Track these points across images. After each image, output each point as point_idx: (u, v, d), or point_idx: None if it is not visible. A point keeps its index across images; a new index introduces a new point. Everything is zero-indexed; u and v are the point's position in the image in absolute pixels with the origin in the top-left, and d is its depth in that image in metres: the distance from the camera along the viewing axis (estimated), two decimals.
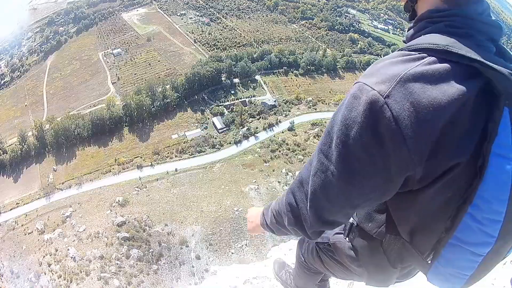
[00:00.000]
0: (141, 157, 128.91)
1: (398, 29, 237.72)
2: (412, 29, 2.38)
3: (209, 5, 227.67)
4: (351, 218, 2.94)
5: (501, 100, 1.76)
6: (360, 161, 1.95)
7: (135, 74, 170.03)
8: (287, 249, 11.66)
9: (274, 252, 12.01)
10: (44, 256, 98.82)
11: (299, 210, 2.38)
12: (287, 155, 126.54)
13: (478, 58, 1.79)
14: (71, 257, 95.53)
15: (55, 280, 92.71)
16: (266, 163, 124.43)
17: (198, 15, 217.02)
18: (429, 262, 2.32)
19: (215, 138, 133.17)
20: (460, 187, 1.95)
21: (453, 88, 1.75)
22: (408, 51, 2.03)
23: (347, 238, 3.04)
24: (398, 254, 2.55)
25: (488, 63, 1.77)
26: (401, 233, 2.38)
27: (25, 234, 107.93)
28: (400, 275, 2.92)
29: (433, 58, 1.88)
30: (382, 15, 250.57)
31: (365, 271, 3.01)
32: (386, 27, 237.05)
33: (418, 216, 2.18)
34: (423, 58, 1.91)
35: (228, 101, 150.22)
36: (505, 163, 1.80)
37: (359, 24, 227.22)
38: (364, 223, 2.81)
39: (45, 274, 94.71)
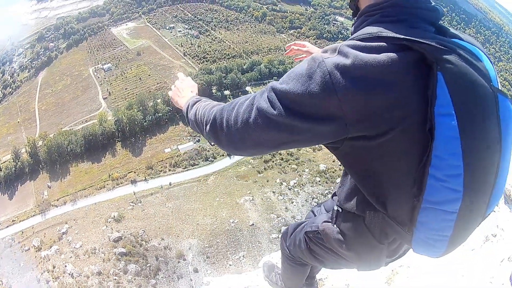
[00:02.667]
0: (134, 172, 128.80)
1: None
2: (353, 25, 2.64)
3: (197, 18, 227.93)
4: (335, 206, 3.38)
5: (433, 67, 1.97)
6: (300, 105, 2.13)
7: (126, 89, 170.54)
8: (279, 257, 11.96)
9: (266, 259, 10.22)
10: (42, 273, 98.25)
11: (221, 129, 2.50)
12: (280, 165, 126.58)
13: (405, 36, 2.03)
14: (69, 274, 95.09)
15: None
16: (260, 173, 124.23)
17: (187, 28, 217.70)
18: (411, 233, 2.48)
19: (208, 151, 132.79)
20: (417, 153, 2.12)
21: (383, 56, 1.99)
22: None
23: (335, 225, 3.32)
24: (381, 229, 2.77)
25: (415, 38, 2.01)
26: (375, 205, 2.57)
27: (22, 252, 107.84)
28: (389, 252, 3.10)
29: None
30: None
31: (354, 253, 3.18)
32: None
33: (382, 185, 2.40)
34: None
35: None
36: (450, 120, 1.98)
37: (347, 31, 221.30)
38: (345, 205, 3.12)
39: None
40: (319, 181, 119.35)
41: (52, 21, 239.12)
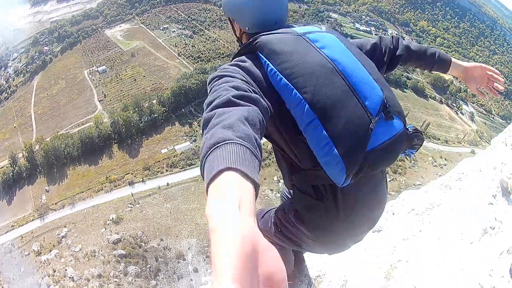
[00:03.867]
0: (132, 174, 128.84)
1: (381, 30, 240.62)
2: (239, 51, 3.16)
3: (191, 18, 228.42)
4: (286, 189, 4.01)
5: (259, 55, 2.82)
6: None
7: (121, 91, 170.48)
8: None
9: None
10: (42, 278, 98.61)
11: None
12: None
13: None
14: (70, 277, 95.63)
15: None
16: None
17: (180, 28, 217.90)
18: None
19: None
20: (290, 116, 2.76)
21: (247, 60, 2.79)
22: None
23: (290, 207, 3.54)
24: (309, 184, 3.09)
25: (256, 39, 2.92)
26: (303, 167, 3.00)
27: (22, 257, 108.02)
28: (347, 228, 3.25)
29: None
30: (364, 17, 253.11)
31: (310, 226, 3.35)
32: (368, 29, 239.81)
33: (293, 150, 2.96)
34: None
35: None
36: (289, 92, 2.64)
37: (341, 28, 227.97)
38: (285, 183, 3.55)
39: None
40: None
41: (46, 25, 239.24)
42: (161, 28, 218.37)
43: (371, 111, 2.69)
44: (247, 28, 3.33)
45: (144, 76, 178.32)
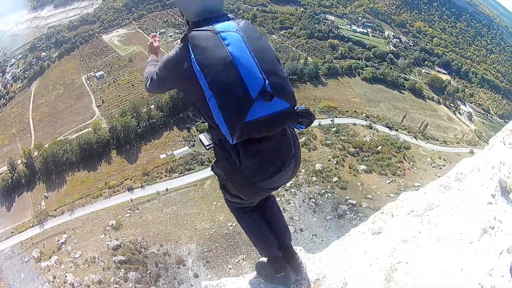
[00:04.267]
0: (131, 179, 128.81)
1: (378, 31, 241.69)
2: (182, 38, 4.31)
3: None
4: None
5: (189, 46, 4.09)
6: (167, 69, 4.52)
7: (119, 96, 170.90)
8: None
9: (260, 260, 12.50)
10: (43, 284, 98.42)
11: (147, 81, 5.00)
12: None
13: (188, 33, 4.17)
14: (70, 284, 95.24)
15: None
16: None
17: (177, 33, 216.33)
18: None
19: (203, 155, 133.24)
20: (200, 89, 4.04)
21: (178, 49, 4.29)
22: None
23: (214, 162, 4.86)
24: (216, 137, 4.41)
25: (189, 33, 4.17)
26: (211, 124, 4.33)
27: (22, 263, 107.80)
28: (249, 175, 4.35)
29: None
30: (360, 18, 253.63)
31: (224, 172, 4.63)
32: (365, 30, 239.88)
33: (208, 114, 4.16)
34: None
35: None
36: (200, 76, 3.94)
37: (338, 30, 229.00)
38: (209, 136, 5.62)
39: None
40: (315, 181, 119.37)
41: (43, 31, 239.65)
42: (158, 33, 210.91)
43: (252, 93, 3.84)
44: (189, 17, 4.63)
45: (141, 81, 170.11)
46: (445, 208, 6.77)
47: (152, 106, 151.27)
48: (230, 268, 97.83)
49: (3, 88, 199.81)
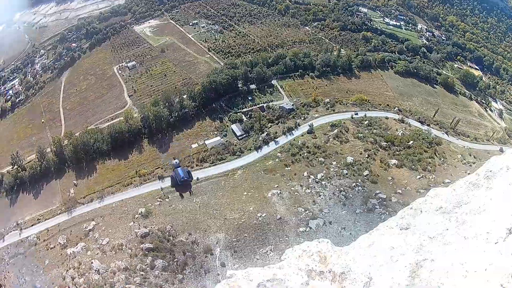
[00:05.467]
0: (162, 168, 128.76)
1: (410, 25, 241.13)
2: None
3: (220, 13, 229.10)
4: None
5: None
6: None
7: (151, 86, 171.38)
8: (301, 250, 11.68)
9: (289, 253, 12.05)
10: (67, 270, 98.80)
11: None
12: (308, 158, 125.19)
13: None
14: (95, 270, 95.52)
15: None
16: (287, 167, 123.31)
17: (210, 24, 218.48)
18: None
19: (235, 145, 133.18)
20: None
21: None
22: None
23: None
24: None
25: None
26: None
27: (47, 249, 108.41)
28: None
29: None
30: (393, 11, 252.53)
31: None
32: (398, 23, 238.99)
33: None
34: None
35: (246, 107, 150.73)
36: None
37: (371, 22, 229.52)
38: None
39: None
40: (347, 174, 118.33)
41: (73, 22, 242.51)
42: (190, 24, 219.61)
43: None
44: None
45: (174, 71, 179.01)
46: (473, 206, 7.27)
47: (184, 96, 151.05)
48: (257, 259, 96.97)
49: (32, 79, 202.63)
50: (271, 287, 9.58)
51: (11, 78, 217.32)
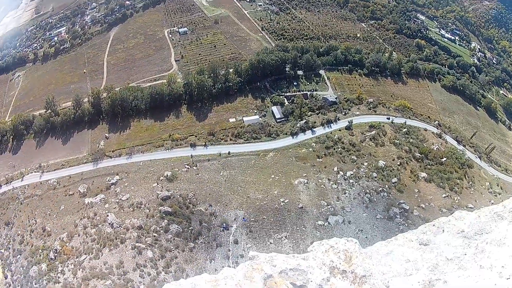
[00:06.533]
0: (195, 136, 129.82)
1: (464, 41, 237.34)
2: None
3: None
4: None
5: None
6: None
7: (199, 54, 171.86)
8: (329, 245, 11.60)
9: (316, 246, 11.98)
10: (81, 219, 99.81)
11: None
12: (341, 153, 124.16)
13: None
14: (109, 223, 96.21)
15: (88, 243, 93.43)
16: (319, 158, 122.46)
17: (267, 3, 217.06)
18: None
19: (272, 127, 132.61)
20: None
21: None
22: None
23: None
24: None
25: None
26: None
27: (65, 195, 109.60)
28: None
29: None
30: (450, 24, 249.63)
31: None
32: (452, 37, 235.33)
33: None
34: None
35: (289, 91, 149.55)
36: None
37: (427, 31, 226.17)
38: None
39: (78, 236, 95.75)
40: (376, 177, 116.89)
41: None
42: (248, 0, 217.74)
43: None
44: None
45: (224, 44, 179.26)
46: (494, 237, 7.49)
47: (231, 70, 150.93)
48: (270, 243, 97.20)
49: (80, 29, 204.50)
50: (293, 276, 9.53)
51: (58, 25, 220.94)
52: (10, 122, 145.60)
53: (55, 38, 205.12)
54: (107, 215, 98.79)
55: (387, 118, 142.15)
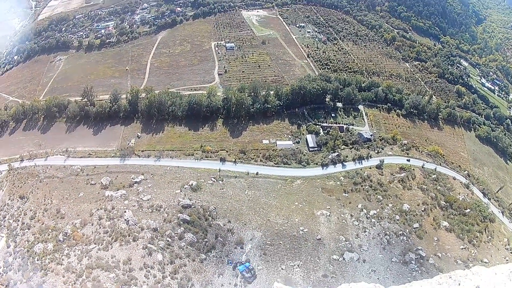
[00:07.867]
0: (227, 151, 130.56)
1: (503, 92, 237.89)
2: None
3: (328, 24, 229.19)
4: None
5: None
6: None
7: (242, 72, 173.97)
8: None
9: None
10: (98, 209, 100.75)
11: None
12: (367, 191, 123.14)
13: None
14: (125, 220, 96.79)
15: (99, 233, 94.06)
16: (345, 193, 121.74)
17: (316, 31, 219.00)
18: None
19: (304, 155, 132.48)
20: None
21: None
22: None
23: None
24: None
25: None
26: None
27: (87, 184, 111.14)
28: None
29: None
30: (491, 73, 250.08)
31: None
32: (492, 87, 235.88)
33: None
34: None
35: (326, 122, 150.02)
36: None
37: (468, 78, 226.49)
38: None
39: (92, 225, 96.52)
40: (398, 220, 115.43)
41: None
42: (297, 25, 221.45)
43: None
44: None
45: (269, 65, 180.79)
46: None
47: (271, 92, 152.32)
48: (282, 269, 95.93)
49: (128, 27, 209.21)
50: None
51: (107, 19, 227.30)
52: (44, 102, 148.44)
53: (102, 31, 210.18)
54: (125, 211, 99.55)
55: (426, 163, 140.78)
